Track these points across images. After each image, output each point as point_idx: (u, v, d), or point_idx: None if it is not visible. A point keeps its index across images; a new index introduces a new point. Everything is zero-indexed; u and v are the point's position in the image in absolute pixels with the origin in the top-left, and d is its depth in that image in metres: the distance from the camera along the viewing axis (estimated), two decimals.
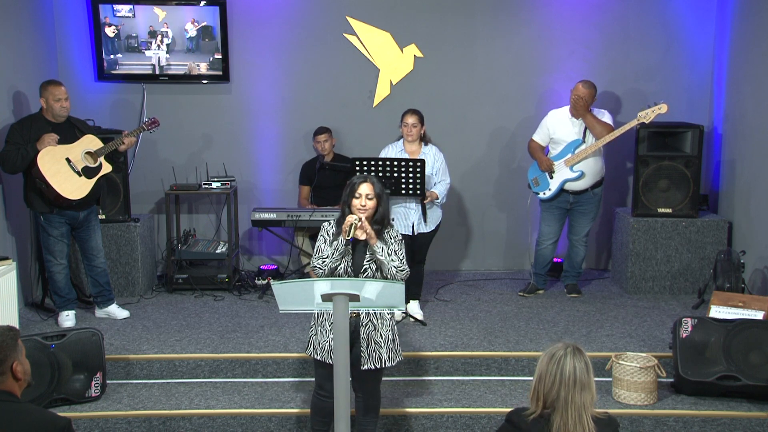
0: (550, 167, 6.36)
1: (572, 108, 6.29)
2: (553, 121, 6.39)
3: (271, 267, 7.02)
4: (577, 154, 6.28)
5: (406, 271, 4.19)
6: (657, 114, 6.21)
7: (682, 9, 7.07)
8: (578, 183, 6.35)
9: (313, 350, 4.21)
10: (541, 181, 6.42)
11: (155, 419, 4.78)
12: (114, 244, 6.50)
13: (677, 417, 4.77)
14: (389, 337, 4.20)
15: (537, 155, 6.44)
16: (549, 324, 5.90)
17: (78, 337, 4.89)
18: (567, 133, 6.33)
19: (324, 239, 4.18)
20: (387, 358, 4.18)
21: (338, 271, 4.13)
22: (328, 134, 6.84)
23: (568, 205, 6.45)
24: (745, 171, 6.46)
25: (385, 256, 4.12)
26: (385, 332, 4.18)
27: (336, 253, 4.09)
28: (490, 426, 4.78)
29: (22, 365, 2.94)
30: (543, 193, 6.43)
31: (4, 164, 5.60)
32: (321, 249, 4.17)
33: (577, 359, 2.97)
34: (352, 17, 7.12)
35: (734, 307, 5.24)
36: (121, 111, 7.10)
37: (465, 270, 7.42)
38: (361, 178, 4.19)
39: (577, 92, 6.24)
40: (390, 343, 4.20)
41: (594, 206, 6.49)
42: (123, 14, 6.93)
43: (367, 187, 4.14)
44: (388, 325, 4.21)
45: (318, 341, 4.19)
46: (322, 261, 4.12)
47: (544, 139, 6.44)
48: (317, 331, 4.21)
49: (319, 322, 4.20)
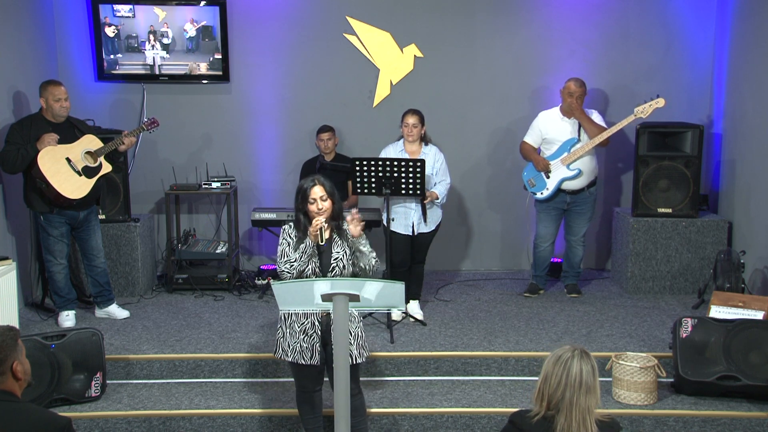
0: (547, 167, 6.36)
1: (565, 107, 6.29)
2: (544, 121, 6.39)
3: (271, 267, 7.02)
4: (573, 152, 6.29)
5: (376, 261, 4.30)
6: (654, 108, 6.21)
7: (682, 9, 7.07)
8: (575, 182, 6.35)
9: (283, 353, 4.25)
10: (537, 181, 6.41)
11: (155, 419, 4.78)
12: (114, 244, 6.50)
13: (677, 417, 4.77)
14: (358, 334, 4.25)
15: (532, 156, 6.43)
16: (549, 324, 5.90)
17: (78, 337, 4.89)
18: (561, 132, 6.33)
19: (287, 243, 4.21)
20: (357, 354, 4.21)
21: (306, 272, 4.16)
22: (332, 133, 6.84)
23: (565, 205, 6.45)
24: (745, 171, 6.46)
25: (368, 251, 4.22)
26: (354, 329, 4.21)
27: (304, 256, 4.13)
28: (490, 426, 4.78)
29: (22, 365, 2.94)
30: (541, 193, 6.42)
31: (4, 164, 5.60)
32: (286, 253, 4.20)
33: (584, 362, 2.96)
34: (352, 17, 7.12)
35: (734, 307, 5.24)
36: (121, 111, 7.11)
37: (465, 270, 7.42)
38: (310, 181, 4.19)
39: (569, 90, 6.26)
40: (360, 340, 4.25)
41: (590, 206, 6.49)
42: (123, 14, 6.93)
43: (319, 189, 4.15)
44: (357, 322, 4.26)
45: (288, 343, 4.22)
46: (290, 265, 4.16)
47: (536, 141, 6.44)
48: (285, 334, 4.23)
49: (287, 324, 4.23)
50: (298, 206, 4.21)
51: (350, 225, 4.18)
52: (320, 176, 4.25)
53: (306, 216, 4.18)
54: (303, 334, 4.17)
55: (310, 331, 4.16)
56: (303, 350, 4.17)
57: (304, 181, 4.22)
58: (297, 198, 4.21)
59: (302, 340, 4.16)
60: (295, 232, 4.22)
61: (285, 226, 4.29)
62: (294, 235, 4.21)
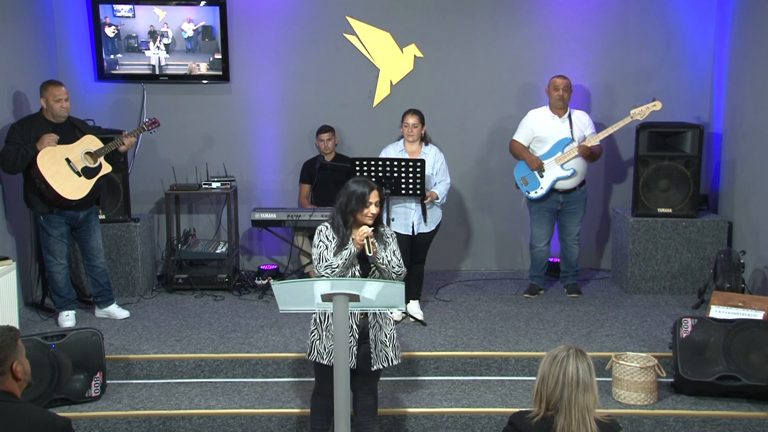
0: (540, 166, 6.35)
1: (554, 102, 6.32)
2: (535, 120, 6.39)
3: (271, 267, 7.02)
4: (567, 152, 6.28)
5: (404, 271, 4.19)
6: (651, 111, 6.22)
7: (682, 9, 7.07)
8: (569, 181, 6.35)
9: (318, 355, 4.17)
10: (530, 180, 6.40)
11: (155, 419, 4.78)
12: (114, 244, 6.50)
13: (677, 417, 4.77)
14: (393, 336, 4.22)
15: (524, 154, 6.40)
16: (549, 324, 5.89)
17: (78, 337, 4.89)
18: (552, 131, 6.33)
19: (325, 246, 4.10)
20: (393, 356, 4.20)
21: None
22: (332, 133, 6.84)
23: (558, 205, 6.45)
24: (745, 171, 6.46)
25: (386, 264, 4.10)
26: (389, 331, 4.19)
27: (346, 262, 4.04)
28: (490, 426, 4.78)
29: (22, 365, 2.94)
30: (534, 192, 6.40)
31: (3, 164, 5.60)
32: (324, 257, 4.08)
33: (580, 361, 2.97)
34: (352, 17, 7.12)
35: (734, 307, 5.24)
36: (121, 111, 7.10)
37: (465, 270, 7.42)
38: (366, 185, 4.07)
39: (554, 85, 6.32)
40: (395, 341, 4.23)
41: (582, 205, 6.50)
42: (123, 14, 6.93)
43: (377, 194, 4.06)
44: (391, 324, 4.23)
45: (323, 346, 4.15)
46: (331, 270, 4.04)
47: (527, 139, 6.43)
48: (321, 336, 4.17)
49: (323, 327, 4.16)
50: (347, 209, 4.05)
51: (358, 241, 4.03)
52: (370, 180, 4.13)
53: (354, 218, 4.06)
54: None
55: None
56: None
57: (358, 184, 4.07)
58: (350, 200, 4.05)
59: None
60: (332, 234, 4.10)
61: (321, 226, 4.16)
62: (331, 237, 4.10)
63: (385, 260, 4.09)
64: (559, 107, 6.32)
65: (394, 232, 4.29)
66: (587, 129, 6.36)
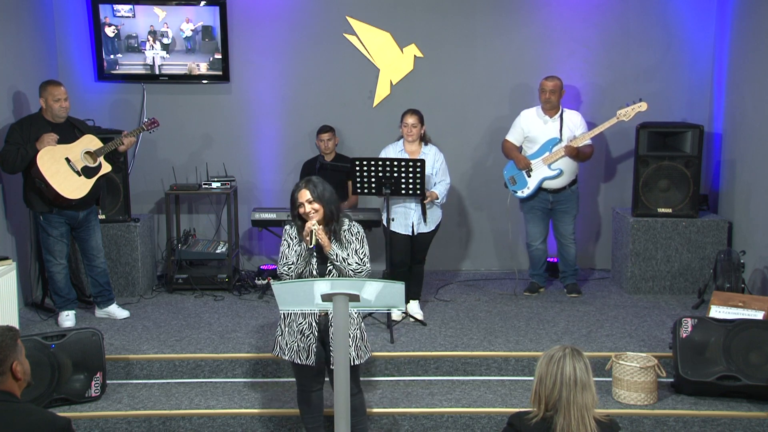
0: (528, 166, 6.37)
1: (543, 104, 6.33)
2: (526, 120, 6.42)
3: (271, 267, 7.02)
4: (555, 152, 6.30)
5: (366, 271, 4.19)
6: (637, 112, 6.25)
7: (682, 9, 7.07)
8: (556, 181, 6.36)
9: (280, 350, 4.26)
10: (518, 180, 6.42)
11: (155, 419, 4.78)
12: (114, 244, 6.50)
13: (677, 417, 4.77)
14: (357, 336, 4.23)
15: (513, 154, 6.44)
16: (549, 324, 5.89)
17: (78, 337, 4.89)
18: (542, 131, 6.35)
19: (287, 244, 4.21)
20: (355, 356, 4.20)
21: (304, 274, 4.16)
22: (332, 133, 6.84)
23: (549, 204, 6.46)
24: (745, 171, 6.46)
25: (341, 261, 4.13)
26: (352, 331, 4.19)
27: (300, 259, 4.13)
28: (490, 426, 4.78)
29: (22, 365, 2.94)
30: (521, 192, 6.43)
31: (3, 164, 5.60)
32: (285, 255, 4.20)
33: (577, 360, 2.97)
34: (352, 17, 7.12)
35: (734, 307, 5.24)
36: (121, 111, 7.11)
37: (465, 270, 7.42)
38: (297, 187, 4.17)
39: (541, 88, 6.35)
40: (358, 341, 4.23)
41: (574, 204, 6.51)
42: (123, 14, 6.93)
43: (305, 193, 4.12)
44: (356, 324, 4.23)
45: (285, 342, 4.22)
46: (288, 267, 4.16)
47: (518, 139, 6.46)
48: (284, 332, 4.24)
49: (286, 323, 4.23)
50: (292, 211, 4.20)
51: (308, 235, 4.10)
52: (315, 178, 4.18)
53: (300, 218, 4.16)
54: (300, 334, 4.17)
55: (306, 331, 4.16)
56: (299, 350, 4.18)
57: (296, 185, 4.21)
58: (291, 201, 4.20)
59: (299, 339, 4.17)
60: (295, 233, 4.21)
61: (286, 225, 4.27)
62: (294, 235, 4.21)
63: (339, 257, 4.13)
64: (548, 108, 6.34)
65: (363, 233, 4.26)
66: (578, 129, 6.36)
